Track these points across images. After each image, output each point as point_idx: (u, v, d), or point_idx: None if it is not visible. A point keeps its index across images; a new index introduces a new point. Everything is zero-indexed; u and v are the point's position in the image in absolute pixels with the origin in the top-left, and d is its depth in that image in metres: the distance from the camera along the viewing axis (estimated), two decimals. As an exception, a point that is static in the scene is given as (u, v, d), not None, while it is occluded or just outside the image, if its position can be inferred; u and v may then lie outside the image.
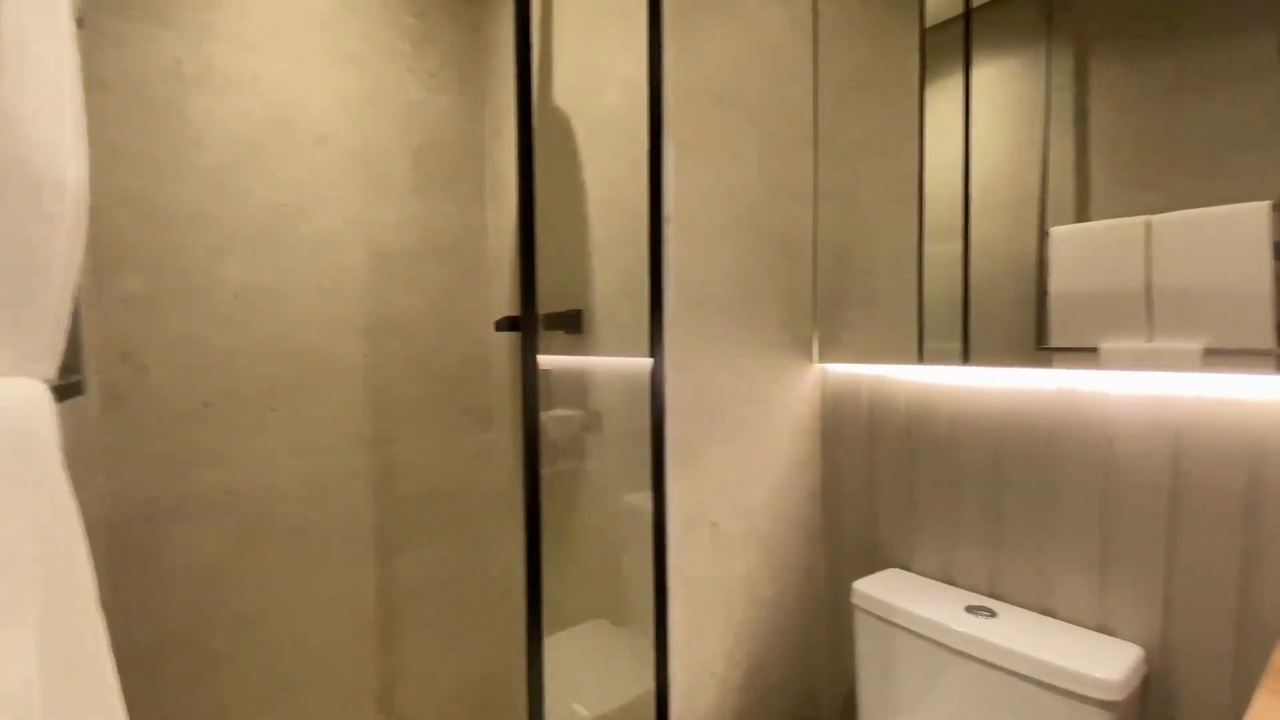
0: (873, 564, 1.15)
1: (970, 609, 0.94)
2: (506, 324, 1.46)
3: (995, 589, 0.99)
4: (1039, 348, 0.96)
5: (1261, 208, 0.76)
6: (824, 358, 1.22)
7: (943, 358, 1.05)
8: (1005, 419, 0.97)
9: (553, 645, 1.33)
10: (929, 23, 1.09)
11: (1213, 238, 0.80)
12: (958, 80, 1.05)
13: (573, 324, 1.30)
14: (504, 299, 1.63)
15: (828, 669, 1.25)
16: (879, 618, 1.00)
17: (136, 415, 1.22)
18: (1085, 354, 0.90)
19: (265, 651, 1.37)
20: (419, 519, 1.58)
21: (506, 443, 1.67)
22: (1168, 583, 0.81)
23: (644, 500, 1.20)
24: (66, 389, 0.52)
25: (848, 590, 1.05)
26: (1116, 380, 0.86)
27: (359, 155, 1.47)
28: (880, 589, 1.02)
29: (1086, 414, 0.88)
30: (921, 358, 1.08)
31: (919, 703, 0.95)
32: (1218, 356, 0.78)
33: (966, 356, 1.02)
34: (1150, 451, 0.82)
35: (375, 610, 1.51)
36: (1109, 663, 0.79)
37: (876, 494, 1.15)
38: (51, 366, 0.55)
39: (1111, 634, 0.86)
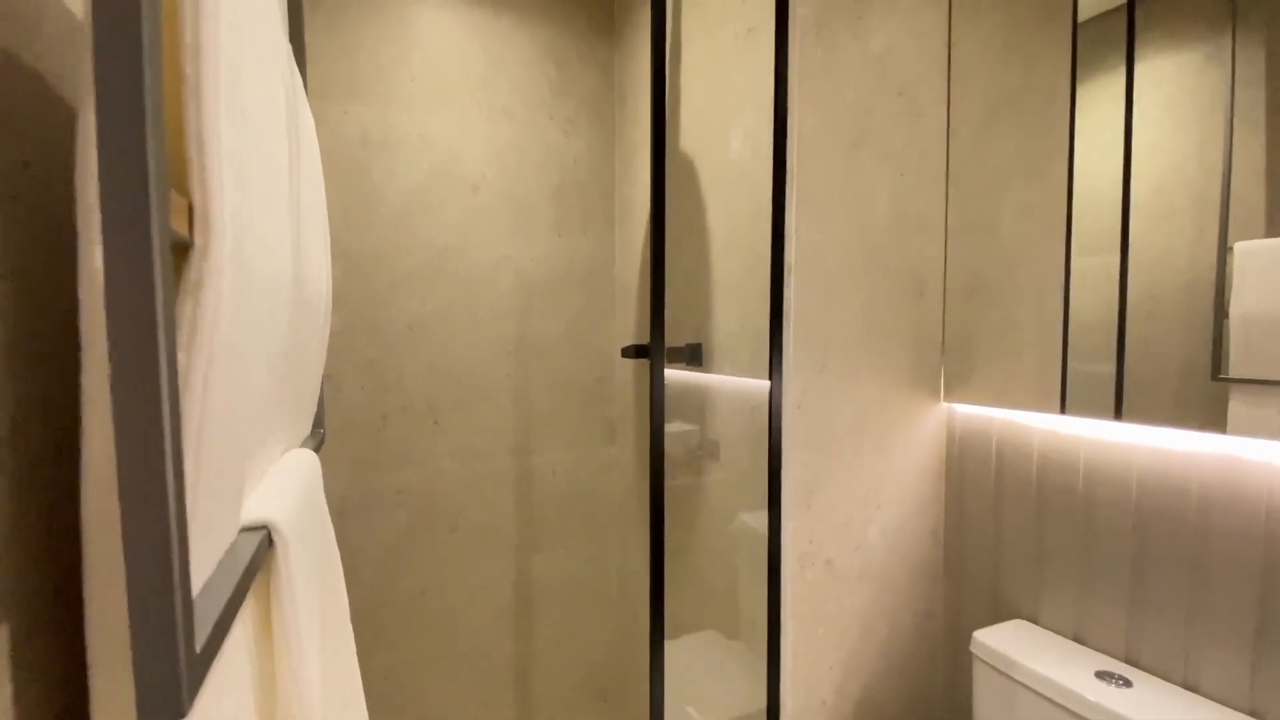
0: (997, 612, 1.13)
1: (1101, 674, 0.91)
2: (632, 352, 1.58)
3: (1131, 655, 0.94)
4: (1215, 377, 0.86)
5: None
6: (951, 397, 1.21)
7: (1095, 382, 0.99)
8: (1150, 479, 0.92)
9: (669, 650, 1.43)
10: (1090, 14, 1.02)
11: None
12: (1121, 76, 0.97)
13: (694, 357, 1.38)
14: (629, 325, 1.75)
15: (945, 713, 1.24)
16: (1000, 671, 0.99)
17: (333, 427, 1.48)
18: (1273, 388, 0.80)
19: (425, 629, 1.60)
20: (552, 521, 1.75)
21: (628, 456, 1.80)
22: (1343, 678, 0.75)
23: (758, 520, 1.26)
24: (317, 445, 0.69)
25: (968, 636, 1.04)
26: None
27: (508, 198, 1.65)
28: (1002, 641, 1.01)
29: (1247, 485, 0.82)
30: (1064, 402, 1.03)
31: (1041, 762, 0.94)
32: None
33: (1120, 379, 0.96)
34: (1326, 534, 0.76)
35: (514, 599, 1.71)
36: (1259, 754, 0.75)
37: (1003, 540, 1.13)
38: (309, 428, 0.72)
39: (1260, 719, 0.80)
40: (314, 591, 0.46)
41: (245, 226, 0.31)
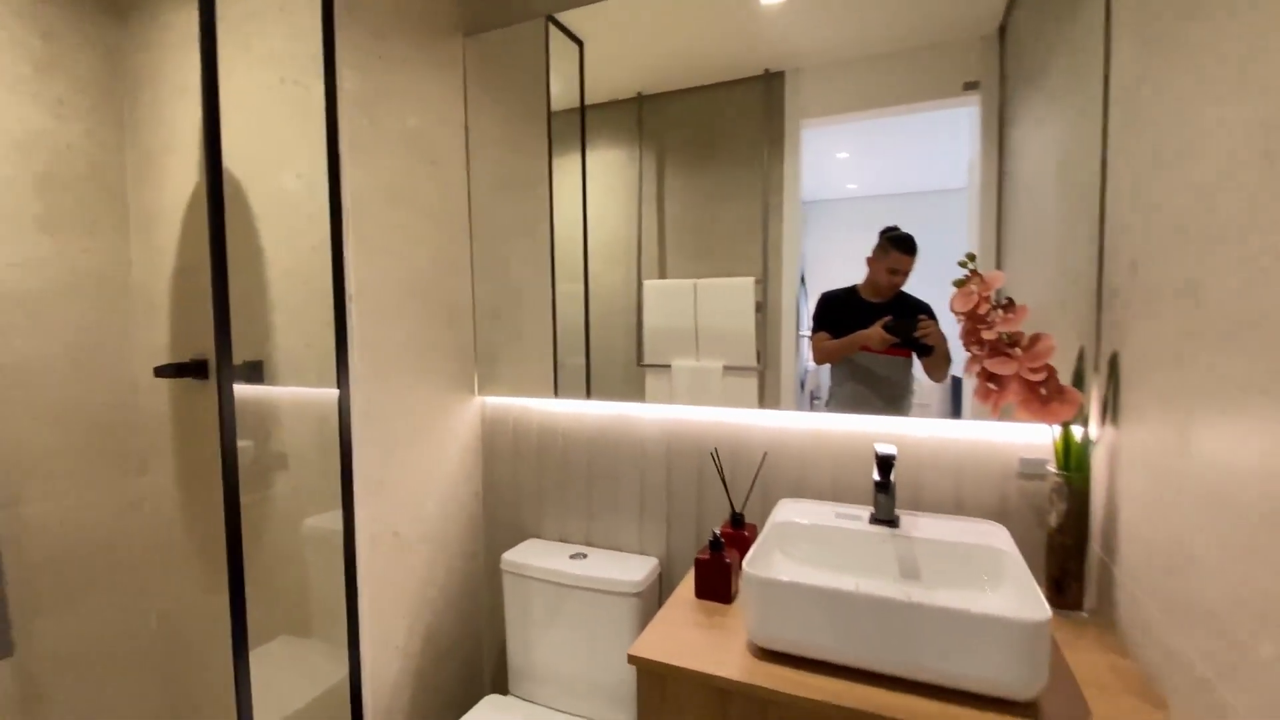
0: (520, 539, 1.61)
1: (573, 555, 1.46)
2: (172, 371, 1.49)
3: (591, 540, 1.54)
4: (639, 364, 1.42)
5: (749, 281, 1.28)
6: (483, 392, 1.63)
7: (575, 371, 1.49)
8: (593, 434, 1.52)
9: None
10: (565, 107, 1.44)
11: (727, 297, 1.29)
12: (585, 157, 1.45)
13: (255, 375, 1.43)
14: (161, 343, 1.60)
15: (488, 625, 1.68)
16: (517, 575, 1.45)
17: None
18: (664, 369, 1.37)
19: None
20: (57, 579, 1.47)
21: (166, 486, 1.65)
22: (669, 521, 1.45)
23: (328, 521, 1.42)
24: None
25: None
26: (645, 410, 1.47)
27: (-43, 186, 1.29)
28: (518, 554, 1.48)
29: (632, 430, 1.48)
30: (557, 390, 1.52)
31: (547, 627, 1.43)
32: (731, 370, 1.31)
33: (589, 369, 1.48)
34: (659, 449, 1.45)
35: (13, 687, 1.37)
36: (635, 571, 1.37)
37: (521, 490, 1.61)
38: None
39: (645, 554, 1.48)
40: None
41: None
